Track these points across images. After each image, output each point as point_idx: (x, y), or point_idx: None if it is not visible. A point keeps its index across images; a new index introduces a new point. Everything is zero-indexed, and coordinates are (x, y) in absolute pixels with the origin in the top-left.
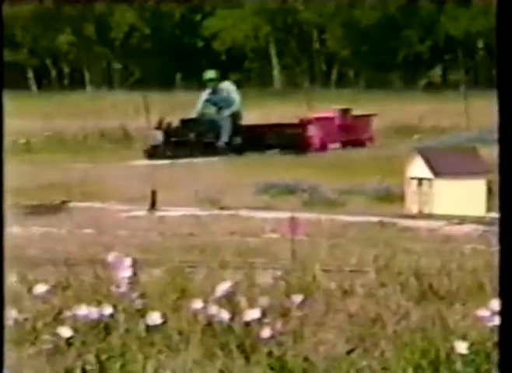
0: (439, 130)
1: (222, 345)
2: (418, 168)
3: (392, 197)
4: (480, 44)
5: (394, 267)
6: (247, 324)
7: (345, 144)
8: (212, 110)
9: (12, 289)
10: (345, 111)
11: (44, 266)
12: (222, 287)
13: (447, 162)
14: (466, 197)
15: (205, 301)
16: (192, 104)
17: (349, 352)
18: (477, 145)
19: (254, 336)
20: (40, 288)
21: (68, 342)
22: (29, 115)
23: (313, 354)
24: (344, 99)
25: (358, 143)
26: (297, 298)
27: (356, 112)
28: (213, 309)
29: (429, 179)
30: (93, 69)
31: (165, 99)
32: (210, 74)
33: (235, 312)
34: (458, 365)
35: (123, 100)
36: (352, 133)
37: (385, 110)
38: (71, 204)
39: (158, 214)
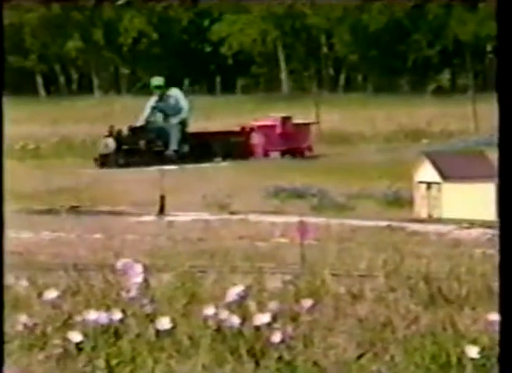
0: (447, 134)
1: (232, 350)
2: (426, 172)
3: (401, 201)
4: (489, 48)
5: (404, 271)
6: (257, 328)
7: (284, 153)
8: (159, 118)
9: (23, 294)
10: (285, 119)
11: (54, 271)
12: (232, 292)
13: (455, 166)
14: (475, 201)
15: (215, 306)
16: (199, 109)
17: (359, 357)
18: (485, 149)
19: (264, 341)
20: (51, 293)
21: (78, 347)
22: (38, 120)
23: (323, 359)
24: (352, 103)
25: (297, 152)
26: (307, 303)
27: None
28: (223, 314)
29: (437, 183)
30: (102, 74)
31: None
32: (156, 81)
33: (245, 317)
34: (469, 370)
35: (131, 105)
36: (292, 141)
37: (393, 115)
38: (81, 209)
39: (167, 218)
